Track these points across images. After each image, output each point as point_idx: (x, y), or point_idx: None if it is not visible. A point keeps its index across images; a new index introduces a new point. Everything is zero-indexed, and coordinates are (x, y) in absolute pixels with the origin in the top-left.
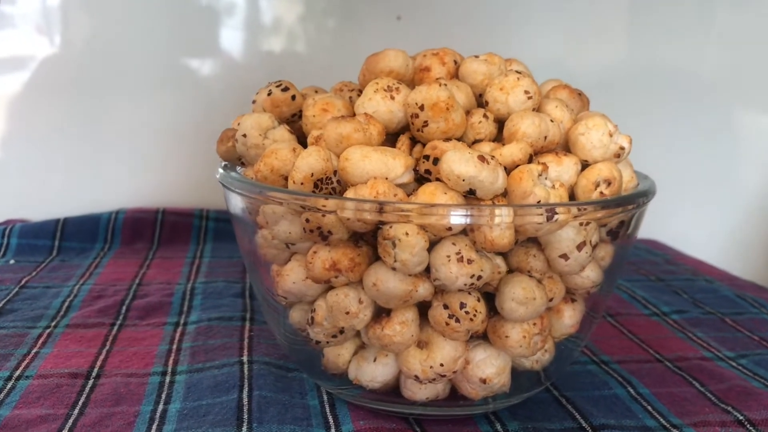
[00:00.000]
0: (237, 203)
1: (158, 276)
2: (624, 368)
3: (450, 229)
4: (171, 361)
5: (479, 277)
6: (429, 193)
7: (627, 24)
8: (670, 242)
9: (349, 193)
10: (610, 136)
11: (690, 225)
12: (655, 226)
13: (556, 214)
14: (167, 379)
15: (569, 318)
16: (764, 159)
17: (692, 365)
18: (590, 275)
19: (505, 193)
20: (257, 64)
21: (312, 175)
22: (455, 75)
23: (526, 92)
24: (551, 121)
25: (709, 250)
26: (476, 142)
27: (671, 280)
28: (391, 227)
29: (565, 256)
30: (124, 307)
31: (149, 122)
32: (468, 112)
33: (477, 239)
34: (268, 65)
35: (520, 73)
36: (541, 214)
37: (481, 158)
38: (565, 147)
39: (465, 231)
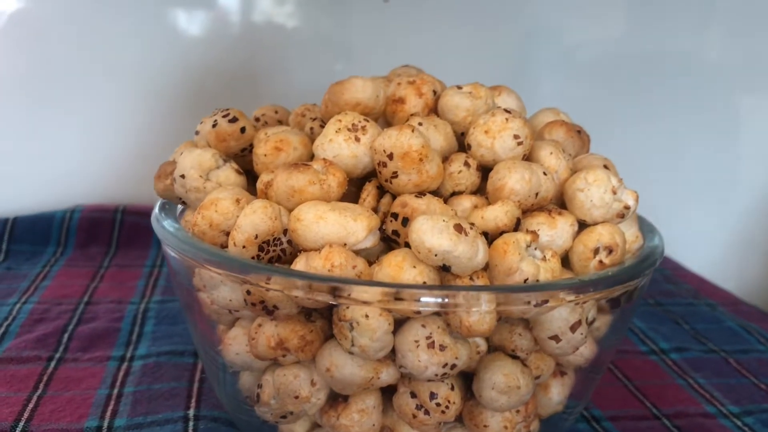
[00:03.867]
0: (172, 254)
1: (110, 292)
2: (618, 428)
3: (419, 312)
4: (109, 412)
5: (453, 366)
6: (395, 265)
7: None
8: (668, 242)
9: (300, 262)
10: (614, 193)
11: (689, 223)
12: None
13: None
14: None
15: (557, 395)
16: None
17: (693, 424)
18: (584, 353)
19: (486, 266)
20: (231, 44)
21: (256, 237)
22: (434, 108)
23: (516, 137)
24: (544, 173)
25: (710, 249)
26: (455, 194)
27: (670, 305)
28: (348, 308)
29: (556, 338)
30: (66, 335)
31: (111, 106)
32: (446, 159)
33: (452, 322)
34: (244, 45)
35: (509, 112)
36: (529, 301)
37: (458, 228)
38: (560, 200)
39: (438, 311)
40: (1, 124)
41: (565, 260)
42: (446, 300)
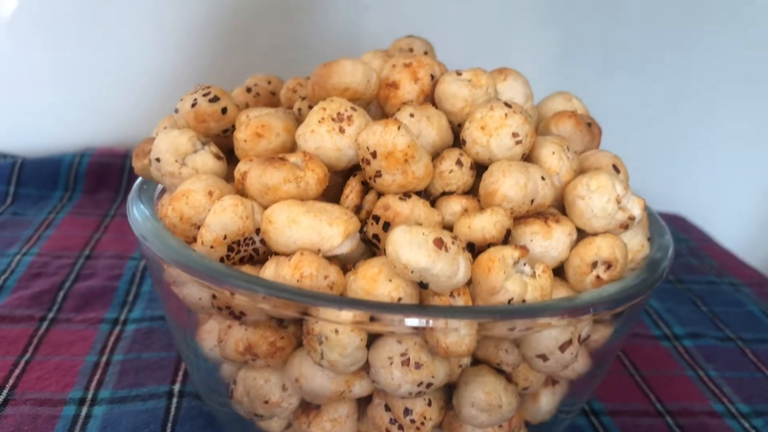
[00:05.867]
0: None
1: (112, 245)
2: (617, 424)
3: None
4: (94, 383)
5: (429, 385)
6: (370, 278)
7: None
8: (701, 207)
9: (269, 267)
10: (618, 202)
11: (725, 187)
12: (679, 183)
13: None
14: (83, 411)
15: (547, 404)
16: None
17: (697, 424)
18: (576, 368)
19: (470, 281)
20: None
21: (225, 237)
22: (430, 95)
23: (515, 135)
24: (542, 178)
25: (746, 218)
26: (446, 194)
27: (691, 283)
28: (317, 322)
29: (543, 357)
30: (61, 293)
31: (126, 45)
32: (438, 155)
33: (429, 341)
34: None
35: (509, 106)
36: (513, 328)
37: (439, 243)
38: (561, 203)
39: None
40: (13, 64)
41: (558, 273)
42: (421, 321)
